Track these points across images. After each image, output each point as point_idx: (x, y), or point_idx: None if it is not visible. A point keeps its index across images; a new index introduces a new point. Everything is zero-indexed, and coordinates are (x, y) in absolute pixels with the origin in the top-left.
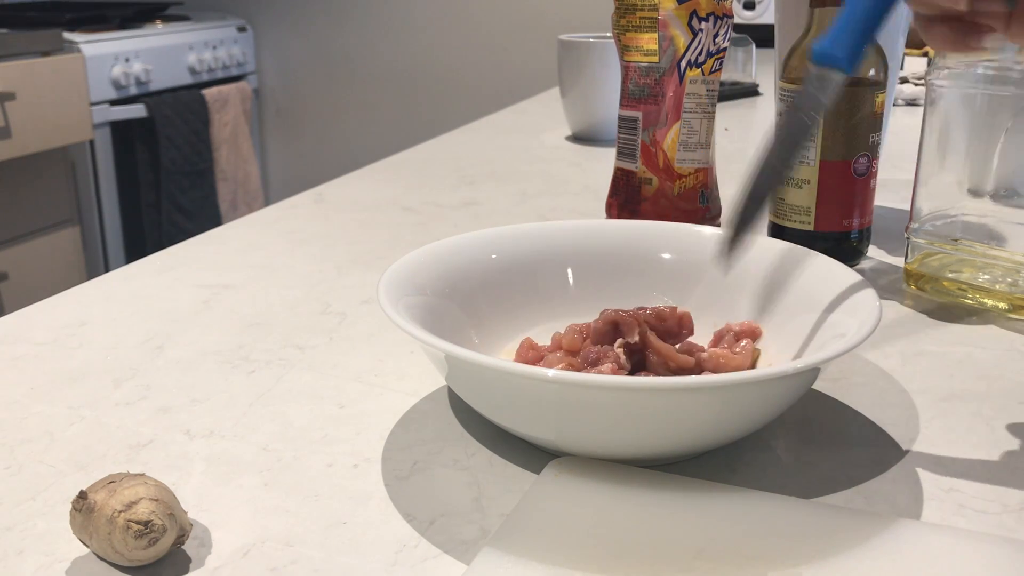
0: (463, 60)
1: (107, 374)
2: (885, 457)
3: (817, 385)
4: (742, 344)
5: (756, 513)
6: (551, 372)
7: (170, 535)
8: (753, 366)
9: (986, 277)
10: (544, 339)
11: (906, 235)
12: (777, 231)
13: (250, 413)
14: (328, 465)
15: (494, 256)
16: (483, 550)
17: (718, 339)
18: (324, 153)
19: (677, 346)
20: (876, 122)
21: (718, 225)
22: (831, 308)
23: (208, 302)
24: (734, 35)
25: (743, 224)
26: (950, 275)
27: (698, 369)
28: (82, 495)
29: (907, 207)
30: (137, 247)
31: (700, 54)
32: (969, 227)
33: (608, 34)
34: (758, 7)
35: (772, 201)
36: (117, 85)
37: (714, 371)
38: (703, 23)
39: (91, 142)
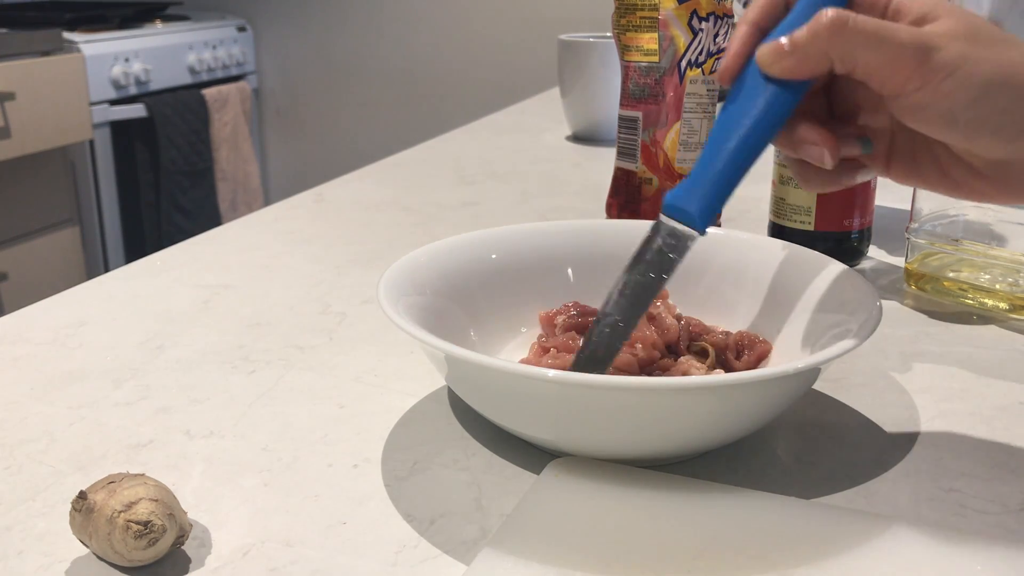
0: (463, 60)
1: (107, 374)
2: (885, 457)
3: (817, 385)
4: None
5: (756, 513)
6: (551, 372)
7: (170, 535)
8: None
9: (986, 277)
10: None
11: (906, 235)
12: (777, 231)
13: (250, 413)
14: (328, 465)
15: (494, 256)
16: (483, 550)
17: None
18: (324, 153)
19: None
20: None
21: (718, 225)
22: (831, 308)
23: (208, 302)
24: None
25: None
26: (950, 275)
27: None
28: (82, 495)
29: (907, 207)
30: (137, 247)
31: (700, 54)
32: (970, 227)
33: (608, 34)
34: None
35: (612, 360)
36: (117, 85)
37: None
38: (703, 23)
39: (91, 142)
